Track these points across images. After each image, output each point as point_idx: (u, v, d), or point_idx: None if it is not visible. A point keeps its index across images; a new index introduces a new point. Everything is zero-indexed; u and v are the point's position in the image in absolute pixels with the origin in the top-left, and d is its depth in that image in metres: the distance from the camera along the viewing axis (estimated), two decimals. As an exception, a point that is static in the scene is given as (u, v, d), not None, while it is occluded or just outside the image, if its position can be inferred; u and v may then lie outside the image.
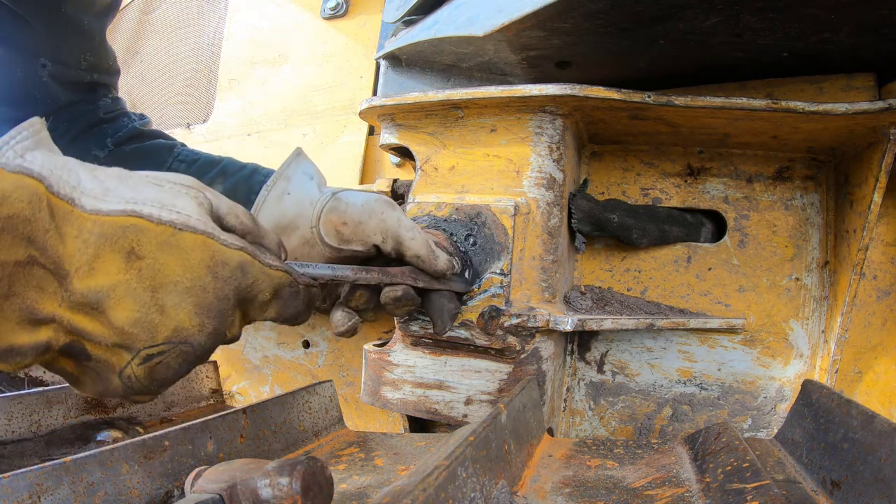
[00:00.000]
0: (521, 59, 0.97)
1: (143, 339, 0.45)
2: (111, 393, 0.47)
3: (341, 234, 0.69)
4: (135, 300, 0.44)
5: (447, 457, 0.46)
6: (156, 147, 0.85)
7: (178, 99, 1.78)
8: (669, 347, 1.00)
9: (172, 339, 0.46)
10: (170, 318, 0.46)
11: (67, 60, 0.79)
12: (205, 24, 1.72)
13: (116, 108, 0.88)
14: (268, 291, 0.53)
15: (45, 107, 0.81)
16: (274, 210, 0.70)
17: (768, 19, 0.75)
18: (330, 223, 0.69)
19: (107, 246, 0.43)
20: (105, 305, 0.43)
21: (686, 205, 1.01)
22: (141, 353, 0.46)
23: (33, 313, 0.41)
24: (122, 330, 0.44)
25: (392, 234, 0.69)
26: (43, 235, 0.40)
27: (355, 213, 0.69)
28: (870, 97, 0.87)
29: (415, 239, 0.70)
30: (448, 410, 0.90)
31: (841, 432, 0.56)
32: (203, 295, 0.47)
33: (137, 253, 0.44)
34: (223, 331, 0.50)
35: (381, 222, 0.69)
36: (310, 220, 0.69)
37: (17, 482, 0.48)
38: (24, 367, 0.42)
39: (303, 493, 0.43)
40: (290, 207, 0.70)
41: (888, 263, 0.97)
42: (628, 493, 0.57)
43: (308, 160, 0.76)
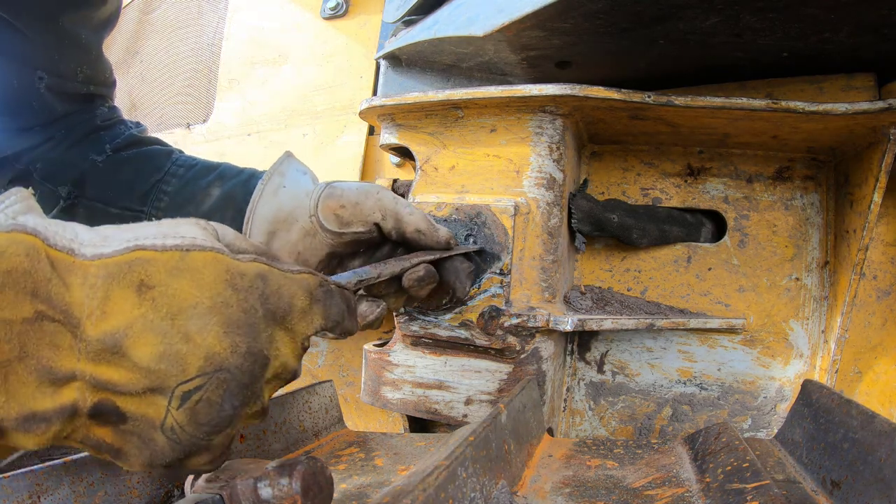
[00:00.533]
0: (521, 59, 0.97)
1: (174, 373, 0.41)
2: (161, 458, 0.42)
3: (340, 217, 0.69)
4: (155, 333, 0.41)
5: (447, 457, 0.46)
6: (154, 152, 0.85)
7: (178, 99, 1.78)
8: (669, 347, 1.00)
9: (206, 370, 0.42)
10: (197, 346, 0.42)
11: (64, 73, 0.80)
12: (205, 24, 1.72)
13: (113, 116, 0.89)
14: (301, 296, 0.48)
15: (42, 117, 0.81)
16: (271, 204, 0.70)
17: (768, 19, 0.75)
18: (328, 208, 0.69)
19: (115, 285, 0.40)
20: (125, 346, 0.40)
21: (686, 205, 1.01)
22: (176, 393, 0.41)
23: (51, 372, 0.38)
24: (148, 369, 0.40)
25: (390, 211, 0.70)
26: (46, 286, 0.38)
27: (352, 195, 0.70)
28: (870, 97, 0.87)
29: (413, 214, 0.71)
30: (448, 410, 0.90)
31: (841, 432, 0.56)
32: (227, 311, 0.43)
33: (148, 284, 0.41)
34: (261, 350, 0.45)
35: (378, 201, 0.70)
36: (308, 210, 0.70)
37: (17, 482, 0.48)
38: (50, 438, 0.39)
39: (303, 493, 0.43)
40: (286, 200, 0.70)
41: (888, 263, 0.97)
42: (628, 493, 0.57)
43: (297, 160, 0.77)
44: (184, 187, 0.80)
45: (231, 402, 0.43)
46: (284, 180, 0.72)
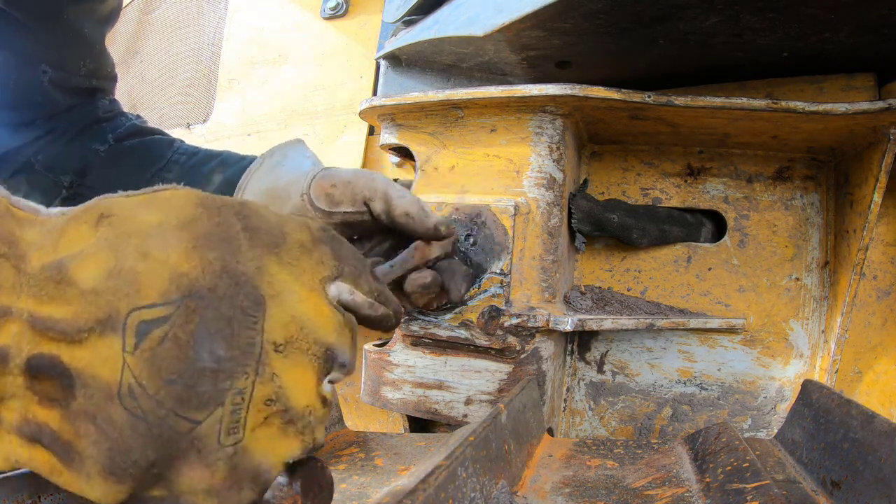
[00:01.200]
0: (521, 59, 0.97)
1: (126, 292, 0.31)
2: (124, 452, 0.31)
3: (331, 196, 0.70)
4: (108, 251, 0.33)
5: (447, 457, 0.46)
6: (156, 142, 0.86)
7: (178, 99, 1.78)
8: (669, 347, 1.00)
9: (171, 295, 0.32)
10: (158, 263, 0.33)
11: (68, 67, 0.80)
12: (205, 24, 1.72)
13: (114, 108, 0.89)
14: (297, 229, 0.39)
15: (45, 110, 0.81)
16: (268, 177, 0.71)
17: (768, 19, 0.75)
18: (320, 187, 0.70)
19: (73, 222, 0.35)
20: (70, 271, 0.32)
21: (686, 205, 1.01)
22: (129, 323, 0.31)
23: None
24: (94, 290, 0.31)
25: (381, 192, 0.69)
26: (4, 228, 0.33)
27: (345, 176, 0.70)
28: (870, 97, 0.87)
29: (404, 197, 0.70)
30: (448, 410, 0.90)
31: (841, 432, 0.56)
32: (195, 226, 0.35)
33: (108, 213, 0.34)
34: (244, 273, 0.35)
35: (371, 181, 0.70)
36: (301, 188, 0.70)
37: (17, 482, 0.48)
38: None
39: (303, 493, 0.43)
40: (284, 175, 0.71)
41: (888, 263, 0.97)
42: (628, 493, 0.57)
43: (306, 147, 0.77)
44: (186, 174, 0.80)
45: (209, 344, 0.32)
46: (285, 160, 0.72)
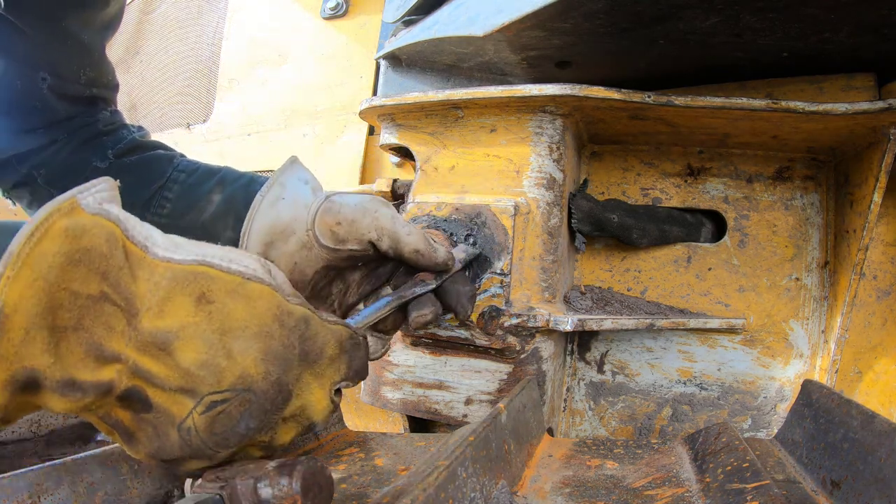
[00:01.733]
0: (521, 59, 0.97)
1: (209, 382, 0.44)
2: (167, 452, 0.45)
3: (336, 234, 0.69)
4: (203, 342, 0.44)
5: (447, 457, 0.46)
6: (156, 158, 0.85)
7: (178, 99, 1.78)
8: (669, 347, 1.00)
9: (237, 386, 0.45)
10: (236, 364, 0.45)
11: (67, 74, 0.80)
12: (205, 24, 1.73)
13: (115, 121, 0.88)
14: (332, 345, 0.53)
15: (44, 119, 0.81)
16: (269, 215, 0.70)
17: (768, 19, 0.75)
18: (325, 224, 0.69)
19: (178, 290, 0.44)
20: (173, 346, 0.43)
21: (686, 205, 1.01)
22: (204, 400, 0.44)
23: (100, 350, 0.40)
24: (188, 372, 0.44)
25: (388, 231, 0.69)
26: (117, 273, 0.41)
27: (349, 213, 0.69)
28: (870, 97, 0.87)
29: (411, 234, 0.69)
30: (448, 410, 0.90)
31: (841, 432, 0.56)
32: (269, 341, 0.47)
33: (208, 298, 0.45)
34: (287, 384, 0.49)
35: (375, 220, 0.69)
36: (305, 224, 0.69)
37: (17, 482, 0.48)
38: (79, 408, 0.41)
39: (303, 493, 0.43)
40: (284, 212, 0.70)
41: (888, 263, 0.97)
42: (628, 493, 0.57)
43: (303, 167, 0.76)
44: (186, 193, 0.80)
45: (247, 422, 0.46)
46: (284, 191, 0.71)
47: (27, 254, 0.36)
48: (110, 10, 0.81)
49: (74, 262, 0.38)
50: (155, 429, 0.44)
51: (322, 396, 0.53)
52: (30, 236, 0.37)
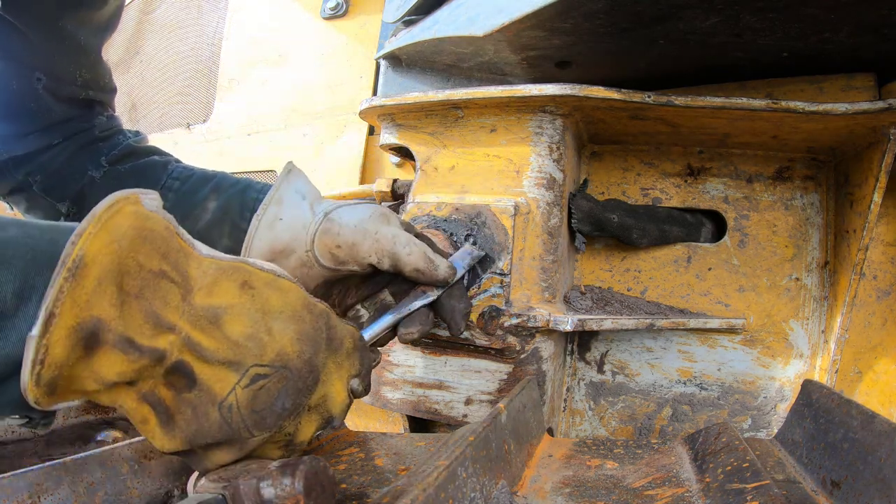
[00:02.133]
0: (521, 59, 0.97)
1: (255, 353, 0.48)
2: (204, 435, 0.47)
3: (336, 256, 0.69)
4: (249, 318, 0.49)
5: (447, 457, 0.46)
6: (150, 165, 0.84)
7: (178, 99, 1.78)
8: (669, 347, 1.00)
9: (276, 363, 0.49)
10: (276, 340, 0.50)
11: (63, 75, 0.79)
12: (205, 24, 1.72)
13: (112, 126, 0.88)
14: (349, 339, 0.57)
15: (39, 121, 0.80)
16: (267, 236, 0.70)
17: (768, 19, 0.75)
18: (324, 246, 0.69)
19: (224, 276, 0.49)
20: (222, 320, 0.47)
21: (686, 205, 1.01)
22: (249, 372, 0.48)
23: (157, 318, 0.44)
24: (236, 343, 0.47)
25: (388, 252, 0.69)
26: (175, 254, 0.46)
27: (349, 235, 0.69)
28: (870, 97, 0.87)
29: (412, 254, 0.70)
30: (448, 410, 0.90)
31: (841, 432, 0.56)
32: (302, 324, 0.52)
33: (250, 284, 0.50)
34: (317, 366, 0.53)
35: (376, 242, 0.69)
36: (304, 244, 0.70)
37: (17, 482, 0.48)
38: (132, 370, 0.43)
39: (305, 493, 0.43)
40: (283, 232, 0.70)
41: (888, 263, 0.97)
42: (628, 493, 0.57)
43: (300, 176, 0.75)
44: (180, 201, 0.79)
45: (283, 400, 0.50)
46: (281, 210, 0.71)
47: (106, 219, 0.42)
48: (107, 9, 0.81)
49: (142, 238, 0.44)
50: (195, 409, 0.47)
51: (341, 388, 0.56)
52: (108, 208, 0.42)
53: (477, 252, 0.86)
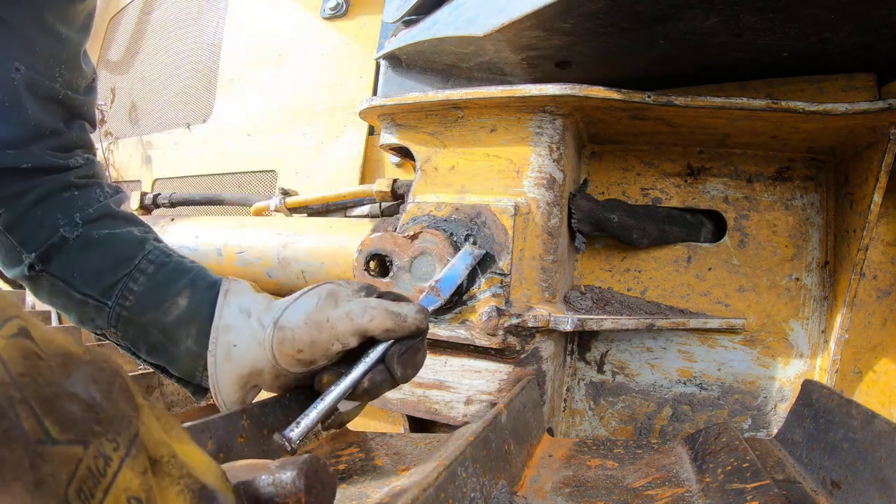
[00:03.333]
0: (521, 59, 0.97)
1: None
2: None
3: (302, 360, 0.66)
4: None
5: (447, 457, 0.46)
6: (126, 238, 0.78)
7: (178, 99, 1.78)
8: (669, 347, 1.00)
9: None
10: None
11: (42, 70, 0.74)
12: (205, 24, 1.73)
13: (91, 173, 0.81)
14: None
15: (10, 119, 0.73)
16: (231, 369, 0.68)
17: (768, 19, 0.75)
18: (285, 356, 0.66)
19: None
20: None
21: (686, 205, 1.01)
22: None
23: None
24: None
25: (350, 332, 0.65)
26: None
27: (303, 336, 0.65)
28: (870, 97, 0.87)
29: (374, 319, 0.64)
30: (448, 410, 0.90)
31: (841, 432, 0.56)
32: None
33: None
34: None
35: (331, 330, 0.65)
36: (268, 361, 0.67)
37: (17, 482, 0.48)
38: None
39: (306, 490, 0.43)
40: (243, 360, 0.68)
41: (888, 263, 0.97)
42: (628, 493, 0.57)
43: (238, 292, 0.71)
44: (152, 288, 0.75)
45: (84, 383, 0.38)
46: (231, 336, 0.68)
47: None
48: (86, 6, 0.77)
49: None
50: None
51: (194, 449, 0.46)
52: None
53: (477, 251, 0.85)
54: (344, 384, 0.65)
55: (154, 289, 0.75)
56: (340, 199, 1.24)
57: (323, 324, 0.65)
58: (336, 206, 1.27)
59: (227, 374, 0.68)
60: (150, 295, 0.74)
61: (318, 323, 0.65)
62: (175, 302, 0.73)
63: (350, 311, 0.65)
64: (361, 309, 0.65)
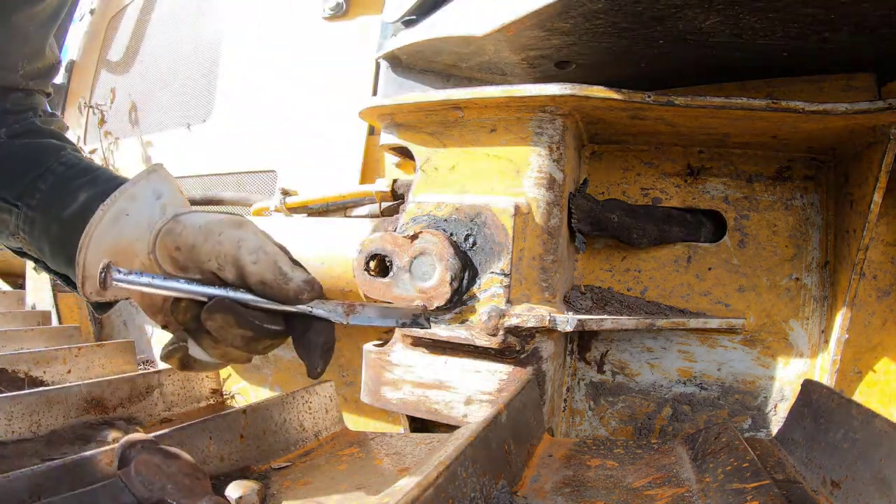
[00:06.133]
0: (521, 59, 0.97)
1: None
2: None
3: (176, 260, 0.61)
4: None
5: (447, 457, 0.46)
6: (44, 146, 0.78)
7: (178, 99, 1.78)
8: (669, 347, 1.00)
9: None
10: None
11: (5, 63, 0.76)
12: (205, 24, 1.72)
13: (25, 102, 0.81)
14: None
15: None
16: (110, 232, 0.63)
17: (768, 19, 0.75)
18: (164, 248, 0.61)
19: None
20: None
21: (686, 205, 1.01)
22: None
23: None
24: None
25: (230, 258, 0.59)
26: None
27: (189, 236, 0.61)
28: (870, 97, 0.87)
29: (258, 262, 0.59)
30: (448, 410, 0.90)
31: (841, 432, 0.56)
32: None
33: None
34: None
35: (217, 245, 0.59)
36: (147, 246, 0.62)
37: (17, 482, 0.48)
38: None
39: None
40: (127, 230, 0.63)
41: (888, 263, 0.97)
42: (628, 493, 0.57)
43: (165, 179, 0.68)
44: (58, 186, 0.73)
45: None
46: (132, 206, 0.64)
47: None
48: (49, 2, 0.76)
49: None
50: None
51: None
52: None
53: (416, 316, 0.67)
54: (192, 286, 0.58)
55: (60, 186, 0.72)
56: (340, 199, 1.24)
57: (213, 235, 0.60)
58: (336, 206, 1.27)
59: (105, 236, 0.63)
60: (55, 191, 0.72)
61: (209, 232, 0.61)
62: (75, 196, 0.70)
63: (242, 240, 0.60)
64: (255, 246, 0.60)
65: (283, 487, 0.64)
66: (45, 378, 1.18)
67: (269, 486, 0.64)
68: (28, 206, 0.72)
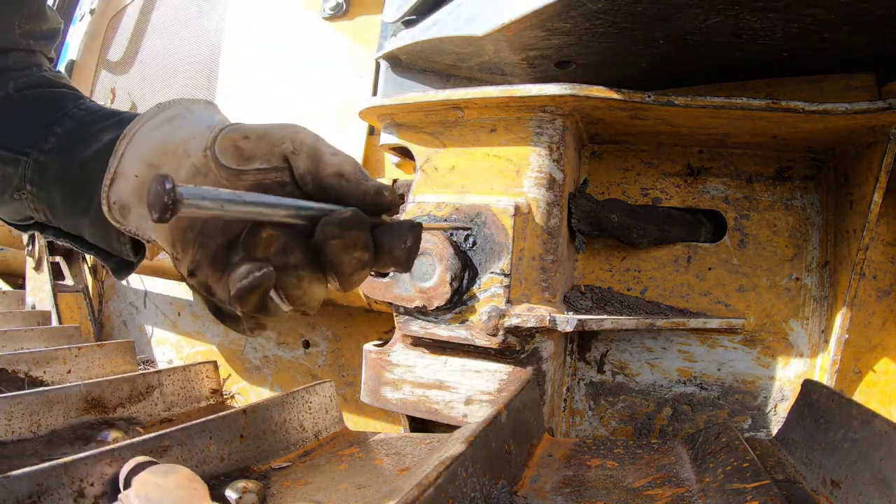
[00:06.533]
0: (521, 59, 0.97)
1: None
2: None
3: (241, 149, 0.55)
4: None
5: (447, 457, 0.46)
6: (60, 95, 0.72)
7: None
8: (669, 347, 1.00)
9: None
10: None
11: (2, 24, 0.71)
12: (205, 24, 1.72)
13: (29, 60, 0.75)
14: None
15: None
16: (162, 129, 0.58)
17: (768, 19, 0.75)
18: (228, 140, 0.55)
19: None
20: None
21: (686, 205, 1.01)
22: None
23: None
24: None
25: (307, 147, 0.54)
26: None
27: (261, 128, 0.56)
28: (870, 97, 0.87)
29: (336, 154, 0.54)
30: (448, 410, 0.90)
31: (841, 432, 0.56)
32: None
33: None
34: None
35: (294, 132, 0.55)
36: (204, 142, 0.56)
37: (17, 482, 0.48)
38: None
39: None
40: (182, 129, 0.58)
41: (888, 263, 0.97)
42: (628, 493, 0.57)
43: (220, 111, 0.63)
44: (77, 129, 0.66)
45: None
46: (189, 113, 0.59)
47: None
48: None
49: None
50: None
51: None
52: None
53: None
54: (297, 201, 0.50)
55: (80, 129, 0.66)
56: (340, 199, 1.24)
57: (287, 126, 0.56)
58: (336, 206, 1.27)
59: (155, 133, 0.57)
60: (74, 135, 0.65)
61: (283, 125, 0.56)
62: (98, 137, 0.63)
63: (320, 138, 0.56)
64: (333, 147, 0.56)
65: (283, 487, 0.64)
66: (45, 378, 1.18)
67: (269, 486, 0.64)
68: (40, 151, 0.65)
